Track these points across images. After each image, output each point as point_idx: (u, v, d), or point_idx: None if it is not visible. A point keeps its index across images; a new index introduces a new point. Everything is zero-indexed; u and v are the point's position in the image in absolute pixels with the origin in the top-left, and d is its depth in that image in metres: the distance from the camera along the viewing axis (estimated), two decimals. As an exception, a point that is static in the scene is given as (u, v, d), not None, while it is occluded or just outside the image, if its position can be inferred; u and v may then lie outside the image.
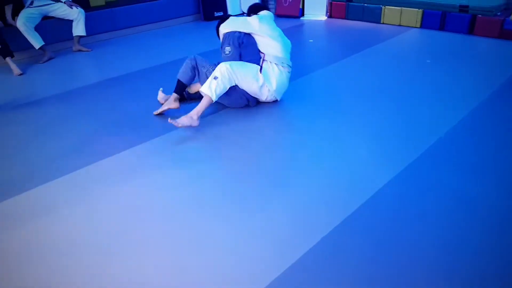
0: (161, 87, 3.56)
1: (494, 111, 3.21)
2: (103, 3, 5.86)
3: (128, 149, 2.81)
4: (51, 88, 4.03)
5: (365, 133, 2.94)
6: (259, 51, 3.25)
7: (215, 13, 6.72)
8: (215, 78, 2.98)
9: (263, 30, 3.24)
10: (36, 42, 4.71)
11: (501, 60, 4.40)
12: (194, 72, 3.30)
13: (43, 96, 3.83)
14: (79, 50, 5.20)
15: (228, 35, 3.27)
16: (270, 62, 3.22)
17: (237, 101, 3.28)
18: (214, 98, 2.99)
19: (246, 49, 3.23)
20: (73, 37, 5.14)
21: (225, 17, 3.45)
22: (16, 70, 4.41)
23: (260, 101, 3.40)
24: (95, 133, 3.08)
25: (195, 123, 2.95)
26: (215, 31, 3.52)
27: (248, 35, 3.26)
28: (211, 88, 2.97)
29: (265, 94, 3.27)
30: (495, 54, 4.61)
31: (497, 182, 2.33)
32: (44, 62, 4.82)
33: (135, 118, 3.31)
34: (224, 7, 6.82)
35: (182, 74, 3.30)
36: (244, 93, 3.22)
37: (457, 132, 2.90)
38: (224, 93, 3.07)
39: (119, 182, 2.46)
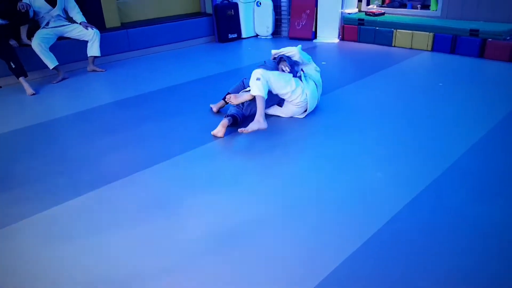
0: (175, 108, 3.54)
1: (507, 135, 3.16)
2: (119, 24, 5.96)
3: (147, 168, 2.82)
4: (64, 109, 4.06)
5: (379, 156, 2.91)
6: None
7: (229, 35, 6.81)
8: (258, 79, 3.23)
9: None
10: (50, 62, 4.78)
11: (513, 84, 4.38)
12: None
13: (55, 116, 3.85)
14: (93, 71, 5.27)
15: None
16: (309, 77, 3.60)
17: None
18: (265, 95, 3.22)
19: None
20: (87, 57, 5.21)
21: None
22: (29, 89, 4.46)
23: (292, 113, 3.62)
24: (104, 154, 3.09)
25: (263, 125, 3.15)
26: (229, 53, 3.62)
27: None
28: (259, 88, 3.20)
29: (297, 96, 3.42)
30: (506, 78, 4.57)
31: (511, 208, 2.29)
32: (58, 82, 4.87)
33: (149, 138, 3.32)
34: (238, 30, 6.93)
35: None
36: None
37: (470, 156, 2.86)
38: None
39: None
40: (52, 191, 2.59)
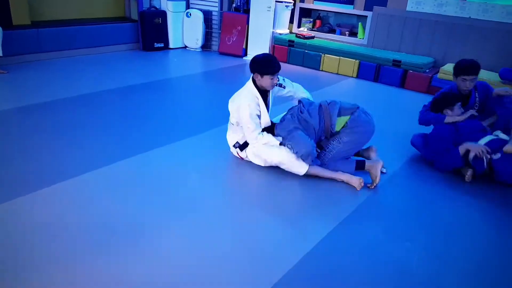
0: (86, 119, 3.18)
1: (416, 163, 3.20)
2: (28, 22, 5.40)
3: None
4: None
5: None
6: None
7: (156, 44, 6.51)
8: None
9: None
10: None
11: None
12: None
13: None
14: (-7, 71, 4.70)
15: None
16: None
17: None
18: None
19: None
20: (-13, 56, 4.64)
21: None
22: None
23: None
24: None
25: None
26: (153, 63, 3.35)
27: None
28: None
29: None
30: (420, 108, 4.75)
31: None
32: None
33: (48, 154, 2.91)
34: (165, 40, 6.65)
35: None
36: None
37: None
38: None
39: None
40: None
